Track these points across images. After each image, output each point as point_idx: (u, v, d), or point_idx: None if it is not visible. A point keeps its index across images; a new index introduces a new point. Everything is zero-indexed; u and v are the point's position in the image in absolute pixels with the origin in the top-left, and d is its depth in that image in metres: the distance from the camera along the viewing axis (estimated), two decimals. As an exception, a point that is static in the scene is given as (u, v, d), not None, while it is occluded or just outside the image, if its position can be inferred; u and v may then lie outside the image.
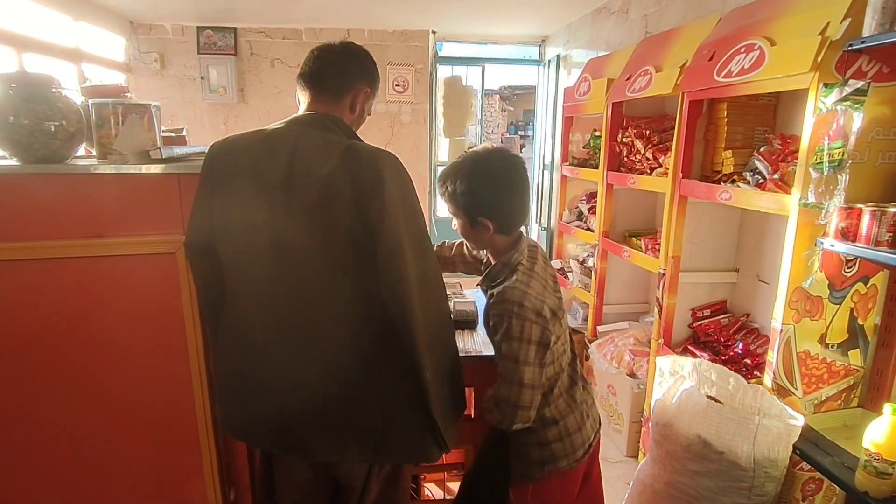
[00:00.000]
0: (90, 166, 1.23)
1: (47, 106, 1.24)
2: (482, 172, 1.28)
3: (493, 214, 1.28)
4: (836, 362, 1.68)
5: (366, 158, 1.08)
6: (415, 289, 1.07)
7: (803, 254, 1.55)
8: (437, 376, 1.13)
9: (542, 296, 1.25)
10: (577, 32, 4.07)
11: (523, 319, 1.20)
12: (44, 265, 1.22)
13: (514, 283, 1.24)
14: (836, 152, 1.43)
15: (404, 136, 4.72)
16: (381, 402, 1.13)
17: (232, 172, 1.13)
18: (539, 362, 1.23)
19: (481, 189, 1.27)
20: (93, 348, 1.29)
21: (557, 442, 1.35)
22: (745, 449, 1.51)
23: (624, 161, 2.73)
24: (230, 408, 1.23)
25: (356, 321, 1.10)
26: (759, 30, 1.76)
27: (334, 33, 4.46)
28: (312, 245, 1.08)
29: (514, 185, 1.30)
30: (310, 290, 1.10)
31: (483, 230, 1.30)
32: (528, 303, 1.21)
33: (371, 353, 1.11)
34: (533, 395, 1.24)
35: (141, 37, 4.33)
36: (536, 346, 1.22)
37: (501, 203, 1.29)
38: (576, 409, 1.38)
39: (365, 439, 1.14)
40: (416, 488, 2.08)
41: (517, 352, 1.21)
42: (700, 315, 2.33)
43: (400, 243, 1.06)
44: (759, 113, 2.04)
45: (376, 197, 1.05)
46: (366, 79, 1.25)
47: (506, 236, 1.33)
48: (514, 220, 1.32)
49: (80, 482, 1.36)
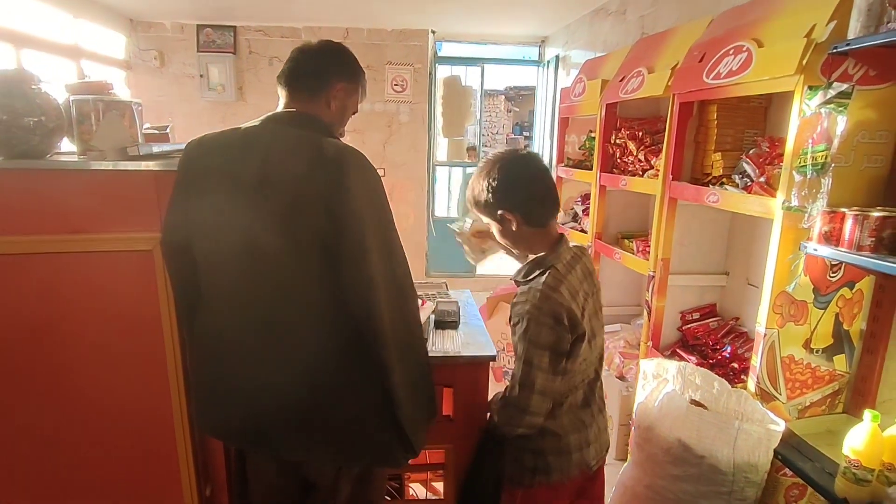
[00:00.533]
0: (66, 162, 1.24)
1: (26, 102, 1.24)
2: (497, 168, 1.29)
3: (514, 205, 1.27)
4: (820, 367, 1.67)
5: (332, 157, 1.07)
6: (381, 291, 1.07)
7: (787, 257, 1.54)
8: (405, 380, 1.12)
9: (567, 305, 1.20)
10: (576, 33, 4.05)
11: (541, 324, 1.18)
12: (18, 260, 1.23)
13: (541, 286, 1.21)
14: (819, 155, 1.42)
15: (402, 136, 4.73)
16: (348, 405, 1.12)
17: (206, 171, 1.13)
18: (552, 369, 1.21)
19: (498, 184, 1.27)
20: (68, 345, 1.30)
21: (554, 455, 1.33)
22: (725, 453, 1.50)
23: (617, 163, 2.72)
24: (204, 406, 1.23)
25: (326, 324, 1.10)
26: (749, 31, 1.75)
27: (333, 32, 4.47)
28: (283, 246, 1.08)
29: (531, 175, 1.30)
30: (280, 292, 1.10)
31: (509, 224, 1.29)
32: (548, 307, 1.19)
33: (340, 355, 1.10)
34: (543, 401, 1.22)
35: (141, 34, 4.35)
36: (550, 353, 1.19)
37: (519, 193, 1.28)
38: (582, 429, 1.34)
39: (331, 440, 1.13)
40: (399, 488, 2.08)
41: (532, 357, 1.19)
42: (689, 318, 2.32)
43: (365, 244, 1.06)
44: (749, 115, 2.02)
45: (342, 197, 1.05)
46: (343, 74, 1.25)
47: (537, 230, 1.30)
48: (537, 209, 1.30)
49: (56, 480, 1.37)
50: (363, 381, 1.11)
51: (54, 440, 1.34)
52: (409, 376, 1.14)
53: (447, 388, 1.53)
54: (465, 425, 1.54)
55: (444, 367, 1.50)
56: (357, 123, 4.64)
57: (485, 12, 4.03)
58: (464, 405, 1.53)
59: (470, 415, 1.53)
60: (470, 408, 1.53)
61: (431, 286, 1.99)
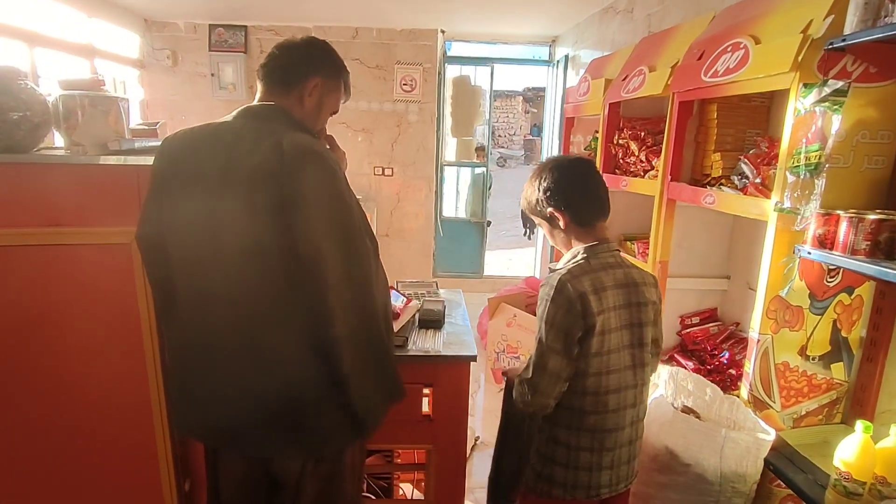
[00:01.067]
0: (47, 156, 1.25)
1: (10, 97, 1.26)
2: (549, 170, 1.34)
3: (563, 204, 1.31)
4: (817, 375, 1.61)
5: (288, 151, 1.06)
6: (334, 289, 1.06)
7: (780, 261, 1.49)
8: (357, 370, 1.13)
9: (585, 293, 1.21)
10: (586, 32, 4.01)
11: (557, 306, 1.22)
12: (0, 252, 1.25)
13: (565, 271, 1.25)
14: (812, 155, 1.37)
15: (411, 136, 4.73)
16: (309, 398, 1.12)
17: (177, 166, 1.14)
18: (566, 352, 1.22)
19: (549, 183, 1.32)
20: (50, 337, 1.31)
21: (561, 467, 1.31)
22: (711, 462, 1.46)
23: (619, 163, 2.67)
24: (177, 402, 1.24)
25: (285, 320, 1.09)
26: (747, 28, 1.70)
27: (343, 31, 4.49)
28: (243, 242, 1.07)
29: (581, 176, 1.35)
30: (242, 288, 1.09)
31: (557, 222, 1.33)
32: (566, 291, 1.21)
33: (301, 353, 1.10)
34: (554, 384, 1.23)
35: (155, 34, 4.43)
36: (565, 336, 1.21)
37: (568, 191, 1.31)
38: (598, 452, 1.29)
39: (295, 434, 1.13)
40: (388, 488, 2.07)
41: (546, 336, 1.23)
42: (689, 322, 2.27)
43: (318, 240, 1.05)
44: (750, 114, 1.97)
45: (294, 191, 1.03)
46: (320, 70, 1.23)
47: (585, 231, 1.33)
48: (584, 208, 1.33)
49: (33, 473, 1.39)
50: (321, 373, 1.11)
51: (33, 433, 1.36)
52: (363, 366, 1.14)
53: (428, 386, 1.51)
54: (445, 425, 1.52)
55: (423, 366, 1.49)
56: (366, 123, 4.66)
57: (495, 12, 4.01)
58: (444, 405, 1.52)
59: (450, 415, 1.52)
60: (450, 408, 1.51)
61: (422, 285, 1.98)
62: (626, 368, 1.31)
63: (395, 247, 4.96)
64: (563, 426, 1.30)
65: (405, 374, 1.46)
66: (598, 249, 1.31)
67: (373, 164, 4.77)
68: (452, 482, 1.60)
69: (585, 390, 1.27)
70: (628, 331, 1.31)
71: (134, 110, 4.40)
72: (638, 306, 1.32)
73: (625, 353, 1.31)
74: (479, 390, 3.45)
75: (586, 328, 1.23)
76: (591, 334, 1.23)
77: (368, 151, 4.74)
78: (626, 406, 1.32)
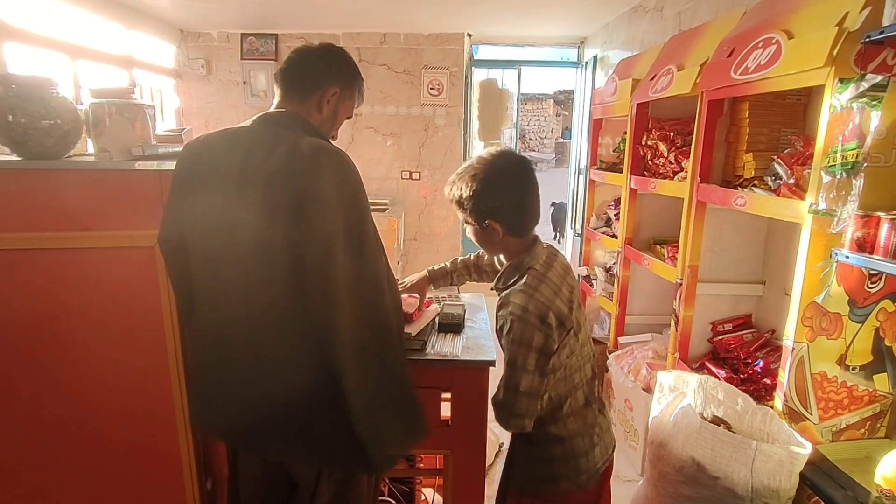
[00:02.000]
0: (75, 162, 1.29)
1: (42, 105, 1.31)
2: (487, 174, 1.23)
3: (501, 216, 1.24)
4: (858, 387, 1.52)
5: (307, 154, 1.06)
6: (342, 293, 1.04)
7: (816, 265, 1.42)
8: (365, 388, 1.08)
9: (551, 302, 1.18)
10: (615, 32, 3.94)
11: (525, 324, 1.16)
12: (31, 256, 1.30)
13: (522, 287, 1.20)
14: (849, 154, 1.30)
15: (439, 140, 4.73)
16: (316, 408, 1.10)
17: (196, 171, 1.16)
18: (539, 371, 1.18)
19: (487, 191, 1.22)
20: (75, 338, 1.35)
21: (560, 462, 1.29)
22: (741, 475, 1.39)
23: (648, 165, 2.60)
24: (195, 400, 1.26)
25: (297, 326, 1.09)
26: (779, 22, 1.63)
27: (371, 37, 4.54)
28: (258, 245, 1.08)
29: (521, 185, 1.26)
30: (257, 292, 1.10)
31: (492, 233, 1.26)
32: (533, 307, 1.16)
33: (309, 360, 1.09)
34: (529, 403, 1.19)
35: (190, 44, 4.56)
36: (538, 354, 1.16)
37: (508, 204, 1.24)
38: (585, 432, 1.30)
39: (305, 442, 1.13)
40: (410, 493, 2.06)
41: (516, 357, 1.17)
42: (721, 329, 2.18)
43: (328, 242, 1.04)
44: (785, 113, 1.89)
45: (309, 194, 1.03)
46: (336, 79, 1.24)
47: (518, 239, 1.28)
48: (524, 221, 1.27)
49: (59, 473, 1.43)
50: (328, 385, 1.08)
51: (59, 432, 1.40)
52: (372, 384, 1.10)
53: (445, 391, 1.49)
54: (463, 431, 1.50)
55: (441, 370, 1.47)
56: (393, 127, 4.69)
57: (522, 14, 3.97)
58: (463, 410, 1.49)
59: (469, 420, 1.49)
60: (468, 413, 1.49)
61: (442, 289, 1.96)
62: (583, 344, 1.30)
63: (423, 251, 4.96)
64: (549, 422, 1.27)
65: (423, 378, 1.45)
66: (535, 251, 1.27)
67: (401, 168, 4.80)
68: (472, 488, 1.57)
69: (572, 386, 1.27)
70: (579, 309, 1.29)
71: (170, 118, 4.54)
72: (574, 288, 1.30)
73: (585, 334, 1.31)
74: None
75: (564, 334, 1.20)
76: (569, 335, 1.21)
77: (396, 156, 4.77)
78: (588, 379, 1.32)
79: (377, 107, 4.63)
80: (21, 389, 1.37)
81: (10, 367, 1.35)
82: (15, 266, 1.30)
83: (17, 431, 1.39)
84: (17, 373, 1.36)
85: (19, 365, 1.36)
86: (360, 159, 4.74)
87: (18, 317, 1.32)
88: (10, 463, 1.41)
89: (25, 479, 1.42)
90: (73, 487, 1.44)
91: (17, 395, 1.38)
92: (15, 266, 1.30)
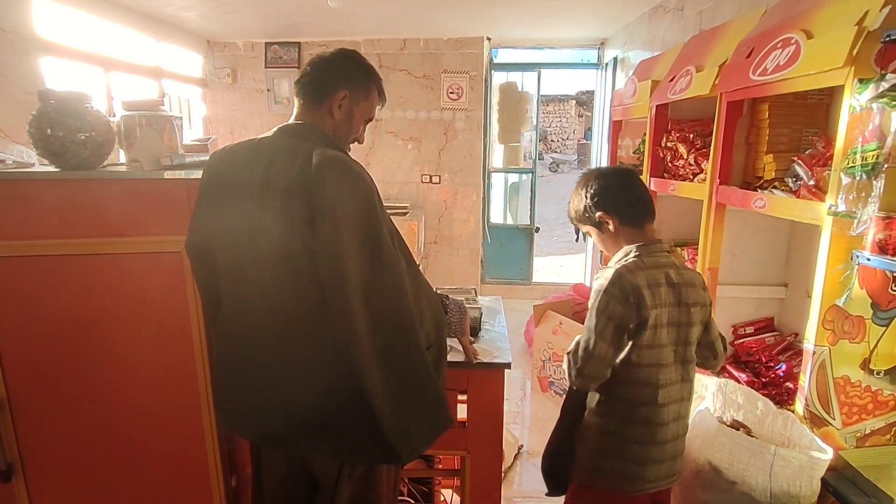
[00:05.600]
0: (108, 172, 1.36)
1: (78, 119, 1.38)
2: (595, 178, 1.41)
3: (610, 207, 1.37)
4: (883, 391, 1.49)
5: (315, 165, 1.09)
6: (358, 302, 1.06)
7: (836, 267, 1.40)
8: (388, 388, 1.10)
9: (638, 285, 1.25)
10: (635, 33, 3.91)
11: (609, 296, 1.26)
12: (68, 262, 1.37)
13: (617, 266, 1.30)
14: (869, 155, 1.28)
15: (458, 143, 4.76)
16: (340, 405, 1.13)
17: (222, 180, 1.21)
18: (615, 342, 1.27)
19: (596, 189, 1.38)
20: (109, 338, 1.42)
21: (610, 458, 1.34)
22: (760, 481, 1.38)
23: (667, 167, 2.59)
24: (219, 399, 1.31)
25: (316, 328, 1.12)
26: (798, 22, 1.61)
27: (391, 43, 4.60)
28: (277, 253, 1.12)
29: (625, 180, 1.42)
30: (278, 296, 1.14)
31: (607, 226, 1.38)
32: (620, 283, 1.26)
33: (332, 363, 1.12)
34: (599, 367, 1.28)
35: (216, 54, 4.70)
36: (614, 325, 1.25)
37: (616, 195, 1.38)
38: (647, 444, 1.31)
39: (328, 438, 1.16)
40: (429, 493, 2.09)
41: (597, 324, 1.27)
42: (742, 332, 2.15)
43: (338, 251, 1.06)
44: (807, 113, 1.86)
45: (318, 205, 1.06)
46: (347, 82, 1.25)
47: (634, 231, 1.37)
48: (632, 209, 1.38)
49: (91, 469, 1.50)
50: (348, 384, 1.10)
51: (91, 430, 1.47)
52: (396, 384, 1.12)
53: (461, 393, 1.52)
54: (480, 432, 1.52)
55: (458, 372, 1.50)
56: (413, 131, 4.74)
57: (542, 17, 3.98)
58: (479, 412, 1.52)
59: (485, 422, 1.52)
60: (484, 415, 1.51)
61: (461, 291, 1.99)
62: (674, 364, 1.33)
63: (443, 254, 5.00)
64: (616, 417, 1.33)
65: (439, 379, 1.49)
66: (651, 248, 1.35)
67: (421, 172, 4.84)
68: (488, 489, 1.59)
69: (637, 380, 1.31)
70: (675, 328, 1.33)
71: (197, 126, 4.68)
72: (687, 306, 1.33)
73: (671, 350, 1.33)
74: (524, 398, 3.41)
75: (640, 320, 1.26)
76: (645, 327, 1.27)
77: (416, 160, 4.82)
78: (671, 401, 1.33)
79: (397, 111, 4.69)
80: (62, 388, 1.44)
81: (52, 366, 1.43)
82: (56, 270, 1.38)
83: (55, 430, 1.46)
84: (59, 372, 1.43)
85: (61, 365, 1.43)
86: (381, 163, 4.81)
87: (59, 318, 1.39)
88: (48, 459, 1.48)
89: (61, 475, 1.49)
90: (104, 482, 1.50)
91: (58, 395, 1.45)
92: (56, 270, 1.38)
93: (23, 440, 1.44)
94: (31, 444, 1.46)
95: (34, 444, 1.46)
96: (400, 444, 1.14)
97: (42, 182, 1.38)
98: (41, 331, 1.40)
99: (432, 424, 1.21)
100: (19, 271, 1.37)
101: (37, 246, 1.36)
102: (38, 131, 1.35)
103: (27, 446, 1.45)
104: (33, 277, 1.38)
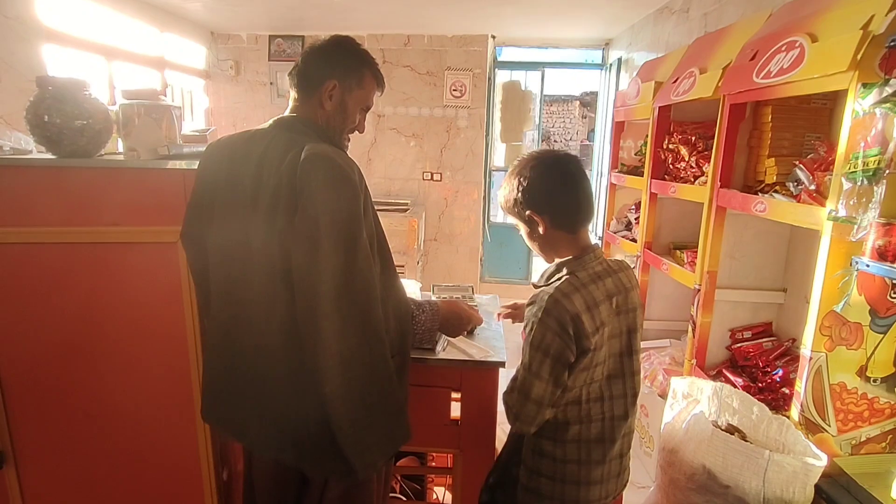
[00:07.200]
0: (104, 160, 1.36)
1: (76, 106, 1.37)
2: (530, 168, 1.21)
3: (544, 208, 1.19)
4: (879, 399, 1.48)
5: (302, 160, 1.07)
6: (327, 300, 1.03)
7: (835, 273, 1.39)
8: (349, 396, 1.07)
9: (576, 313, 1.12)
10: (640, 34, 3.90)
11: (545, 328, 1.12)
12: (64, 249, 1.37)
13: (553, 290, 1.14)
14: (871, 160, 1.27)
15: (461, 141, 4.75)
16: (306, 412, 1.11)
17: (216, 172, 1.20)
18: (554, 380, 1.13)
19: (529, 183, 1.20)
20: (104, 329, 1.42)
21: (548, 480, 1.24)
22: (753, 485, 1.37)
23: (669, 169, 2.58)
24: (204, 393, 1.31)
25: (290, 329, 1.10)
26: (803, 25, 1.60)
27: (395, 39, 4.58)
28: (261, 251, 1.11)
29: (563, 177, 1.21)
30: (257, 293, 1.13)
31: (536, 227, 1.21)
32: (556, 312, 1.11)
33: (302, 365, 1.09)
34: (538, 411, 1.15)
35: (220, 46, 4.68)
36: (553, 362, 1.12)
37: (550, 194, 1.20)
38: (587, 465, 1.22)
39: (293, 445, 1.15)
40: (421, 491, 2.08)
41: (532, 362, 1.14)
42: (740, 337, 2.15)
43: (311, 247, 1.03)
44: (810, 117, 1.85)
45: (300, 200, 1.05)
46: (335, 71, 1.22)
47: (566, 235, 1.21)
48: (570, 213, 1.21)
49: (83, 460, 1.50)
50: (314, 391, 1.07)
51: (83, 420, 1.47)
52: (357, 393, 1.08)
53: (455, 391, 1.51)
54: (473, 430, 1.51)
55: (452, 370, 1.49)
56: (416, 128, 4.72)
57: (547, 16, 3.96)
58: (472, 410, 1.51)
59: (478, 420, 1.51)
60: (477, 413, 1.50)
61: (457, 289, 1.98)
62: (615, 377, 1.23)
63: (442, 251, 4.99)
64: (547, 437, 1.22)
65: (433, 377, 1.48)
66: (585, 260, 1.20)
67: (422, 169, 4.83)
68: (480, 487, 1.58)
69: (567, 400, 1.20)
70: (618, 340, 1.23)
71: (199, 118, 4.67)
72: (627, 313, 1.23)
73: (613, 362, 1.23)
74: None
75: (580, 351, 1.14)
76: (586, 355, 1.15)
77: (418, 157, 4.81)
78: (613, 416, 1.23)
79: (400, 108, 4.67)
80: (54, 377, 1.44)
81: (44, 355, 1.42)
82: (50, 259, 1.37)
83: (47, 419, 1.46)
84: (51, 361, 1.43)
85: (53, 354, 1.43)
86: (383, 160, 4.80)
87: (52, 307, 1.39)
88: (39, 448, 1.48)
89: (52, 465, 1.49)
90: (96, 472, 1.50)
91: (50, 383, 1.45)
92: (50, 259, 1.37)
93: (14, 429, 1.44)
94: (23, 433, 1.45)
95: (26, 433, 1.46)
96: (355, 456, 1.09)
97: (38, 169, 1.37)
98: (34, 319, 1.40)
99: (390, 436, 1.16)
100: (12, 259, 1.37)
101: (30, 233, 1.36)
102: (35, 118, 1.35)
103: (19, 435, 1.45)
104: (26, 265, 1.38)
